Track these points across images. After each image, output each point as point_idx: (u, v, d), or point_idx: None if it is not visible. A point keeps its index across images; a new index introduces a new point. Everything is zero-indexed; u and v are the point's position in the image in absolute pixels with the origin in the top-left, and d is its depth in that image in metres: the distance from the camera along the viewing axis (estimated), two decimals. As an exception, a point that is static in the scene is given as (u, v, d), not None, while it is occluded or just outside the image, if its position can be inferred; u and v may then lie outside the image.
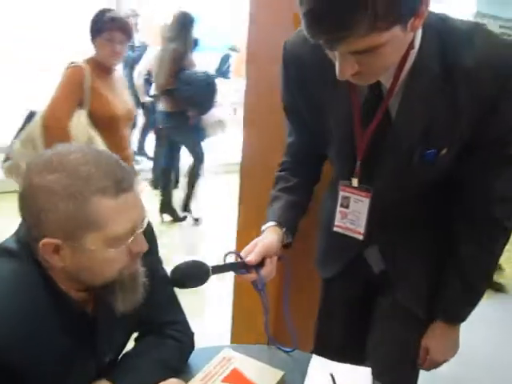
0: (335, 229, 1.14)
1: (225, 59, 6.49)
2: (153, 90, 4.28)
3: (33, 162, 0.79)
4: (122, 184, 0.78)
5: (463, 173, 1.01)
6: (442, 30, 0.88)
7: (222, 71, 6.21)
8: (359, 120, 0.99)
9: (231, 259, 1.05)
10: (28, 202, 0.77)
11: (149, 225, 0.98)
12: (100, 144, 2.10)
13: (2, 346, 0.73)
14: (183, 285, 0.95)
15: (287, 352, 1.14)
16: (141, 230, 0.84)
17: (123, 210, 0.78)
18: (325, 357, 1.09)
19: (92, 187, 0.75)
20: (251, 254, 1.03)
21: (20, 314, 0.76)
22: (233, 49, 6.51)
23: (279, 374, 1.04)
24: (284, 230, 1.14)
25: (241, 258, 1.03)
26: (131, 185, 0.80)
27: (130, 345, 1.05)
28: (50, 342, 0.80)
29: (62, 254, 0.78)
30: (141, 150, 5.36)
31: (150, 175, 4.68)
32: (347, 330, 1.35)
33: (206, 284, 0.94)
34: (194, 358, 1.08)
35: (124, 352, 1.01)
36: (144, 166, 5.01)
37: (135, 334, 1.06)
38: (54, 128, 2.04)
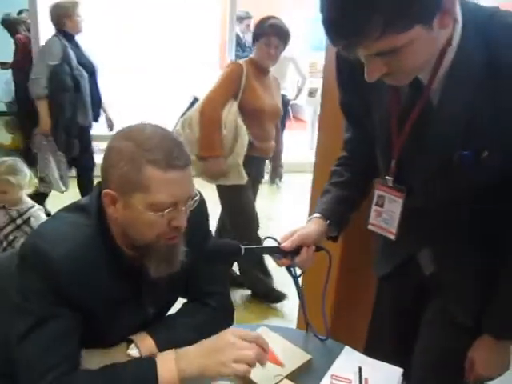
0: (369, 227, 1.14)
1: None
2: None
3: (119, 130, 0.95)
4: (174, 162, 0.90)
5: None
6: (487, 25, 0.85)
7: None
8: (396, 118, 0.98)
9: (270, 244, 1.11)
10: (105, 158, 0.94)
11: (202, 205, 1.10)
12: (244, 133, 2.40)
13: (64, 276, 0.89)
14: (216, 260, 1.04)
15: (321, 340, 1.17)
16: (183, 208, 0.94)
17: (169, 183, 0.90)
18: (375, 358, 1.10)
19: (147, 157, 0.89)
20: (288, 241, 1.08)
21: (81, 255, 0.92)
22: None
23: (306, 357, 1.08)
24: (328, 222, 1.17)
25: (278, 243, 1.08)
26: (182, 165, 0.91)
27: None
28: (102, 283, 0.95)
29: (117, 206, 0.92)
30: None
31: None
32: (398, 335, 1.33)
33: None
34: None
35: (168, 314, 1.13)
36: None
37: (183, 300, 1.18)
38: (208, 115, 2.37)
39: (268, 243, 1.10)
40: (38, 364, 0.87)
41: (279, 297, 2.74)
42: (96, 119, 3.54)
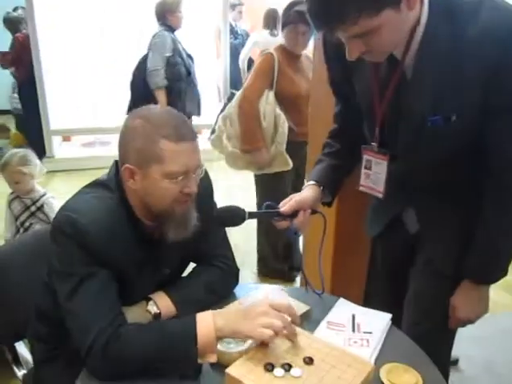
0: (360, 188, 1.27)
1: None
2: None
3: (132, 112, 1.08)
4: (183, 135, 1.03)
5: (486, 141, 1.05)
6: (450, 4, 0.96)
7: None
8: (377, 90, 1.10)
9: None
10: (121, 136, 1.06)
11: (206, 176, 1.22)
12: (284, 121, 2.46)
13: (95, 240, 1.02)
14: (223, 223, 1.17)
15: (317, 294, 1.30)
16: (193, 175, 1.07)
17: (180, 153, 1.02)
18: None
19: (160, 132, 1.01)
20: (286, 206, 1.21)
21: (107, 222, 1.05)
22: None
23: (305, 307, 1.21)
24: (321, 188, 1.29)
25: (278, 209, 1.21)
26: (190, 138, 1.04)
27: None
28: (126, 247, 1.07)
29: (136, 178, 1.05)
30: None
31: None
32: (391, 290, 1.46)
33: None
34: (238, 290, 1.29)
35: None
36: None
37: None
38: (246, 110, 2.47)
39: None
40: (85, 317, 0.99)
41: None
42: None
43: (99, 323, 0.97)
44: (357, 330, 1.15)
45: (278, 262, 2.85)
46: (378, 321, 1.18)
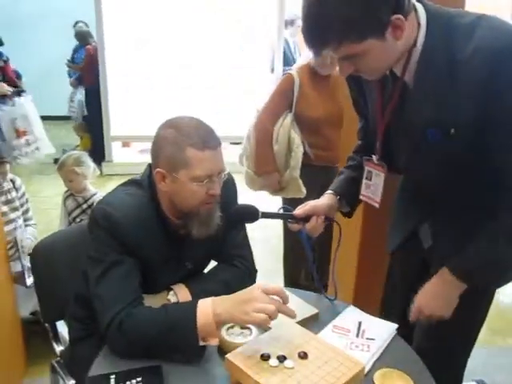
0: (361, 197, 1.33)
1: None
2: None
3: (163, 122, 1.20)
4: (208, 144, 1.15)
5: (489, 157, 1.06)
6: (447, 27, 1.00)
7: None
8: (380, 105, 1.17)
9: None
10: (154, 143, 1.19)
11: (231, 180, 1.34)
12: (298, 145, 2.35)
13: (125, 231, 1.15)
14: (237, 218, 1.29)
15: (329, 299, 1.36)
16: (216, 179, 1.18)
17: (205, 160, 1.14)
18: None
19: (188, 141, 1.14)
20: (300, 209, 1.30)
21: (137, 216, 1.18)
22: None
23: (313, 311, 1.28)
24: (338, 198, 1.36)
25: (292, 211, 1.30)
26: (215, 146, 1.16)
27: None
28: (153, 241, 1.20)
29: (166, 181, 1.17)
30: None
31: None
32: (407, 303, 1.49)
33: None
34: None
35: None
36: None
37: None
38: (259, 133, 2.43)
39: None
40: (108, 299, 1.12)
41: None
42: None
43: (118, 305, 1.10)
44: (361, 335, 1.20)
45: (307, 279, 2.70)
46: (382, 329, 1.23)
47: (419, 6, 1.04)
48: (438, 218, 1.28)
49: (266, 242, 3.70)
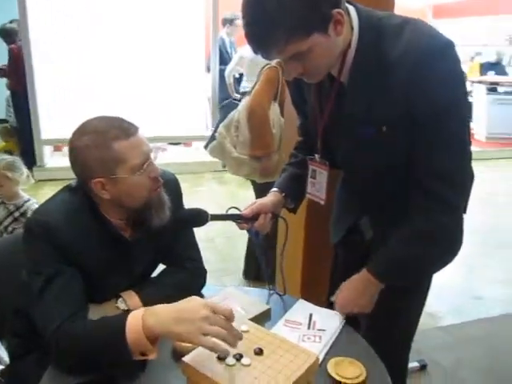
0: (307, 195, 1.37)
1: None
2: (242, 88, 4.72)
3: (72, 135, 1.14)
4: (129, 131, 1.12)
5: (414, 152, 1.10)
6: (378, 28, 1.06)
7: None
8: (318, 105, 1.21)
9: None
10: (76, 158, 1.13)
11: (174, 180, 1.33)
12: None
13: (62, 238, 1.09)
14: (185, 225, 1.26)
15: (279, 295, 1.39)
16: (151, 160, 1.16)
17: (134, 146, 1.12)
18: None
19: (110, 137, 1.10)
20: (247, 209, 1.31)
21: (73, 222, 1.13)
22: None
23: (265, 307, 1.29)
24: (283, 195, 1.39)
25: (239, 211, 1.30)
26: (135, 131, 1.14)
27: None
28: (94, 246, 1.15)
29: (107, 188, 1.13)
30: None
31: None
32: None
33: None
34: (204, 291, 1.37)
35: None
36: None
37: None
38: (259, 116, 2.53)
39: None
40: (48, 312, 1.06)
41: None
42: None
43: (56, 320, 1.04)
44: (312, 327, 1.23)
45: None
46: (332, 319, 1.26)
47: (351, 9, 1.09)
48: (377, 211, 1.33)
49: (210, 241, 3.69)
